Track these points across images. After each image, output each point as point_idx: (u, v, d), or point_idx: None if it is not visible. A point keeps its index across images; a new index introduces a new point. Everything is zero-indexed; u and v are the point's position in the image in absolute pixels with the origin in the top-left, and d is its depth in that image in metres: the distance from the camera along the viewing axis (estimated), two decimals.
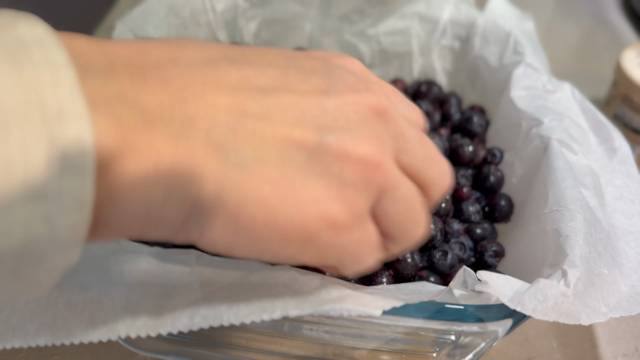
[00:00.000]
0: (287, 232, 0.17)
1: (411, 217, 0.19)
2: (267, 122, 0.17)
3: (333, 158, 0.17)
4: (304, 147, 0.17)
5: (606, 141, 0.31)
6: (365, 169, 0.17)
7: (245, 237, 0.17)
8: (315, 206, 0.17)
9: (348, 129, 0.18)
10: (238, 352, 0.27)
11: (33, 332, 0.18)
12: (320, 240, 0.17)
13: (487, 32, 0.40)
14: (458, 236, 0.30)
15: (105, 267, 0.20)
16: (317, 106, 0.18)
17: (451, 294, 0.22)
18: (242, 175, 0.16)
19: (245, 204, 0.16)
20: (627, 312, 0.22)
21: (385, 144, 0.18)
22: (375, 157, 0.18)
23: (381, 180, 0.18)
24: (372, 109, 0.19)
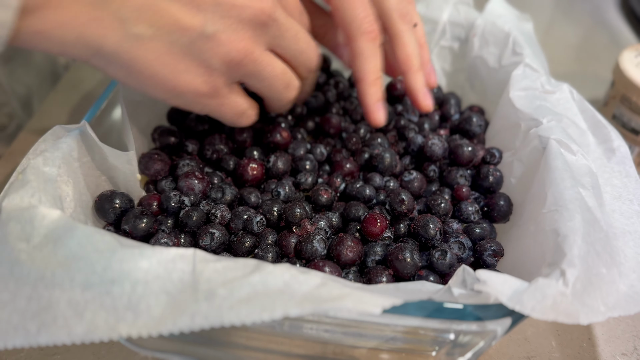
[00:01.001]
0: (163, 85, 0.26)
1: (275, 88, 0.30)
2: (167, 8, 0.24)
3: (207, 46, 0.25)
4: (189, 33, 0.25)
5: (605, 141, 0.31)
6: (230, 58, 0.26)
7: (135, 80, 0.25)
8: (185, 76, 0.26)
9: (227, 26, 0.25)
10: (238, 350, 0.27)
11: (35, 331, 0.18)
12: (186, 97, 0.27)
13: (486, 33, 0.40)
14: (457, 236, 0.30)
15: (107, 267, 0.20)
16: (210, 3, 0.25)
17: (450, 293, 0.22)
18: (136, 44, 0.24)
19: (135, 61, 0.24)
20: (626, 311, 0.22)
21: (258, 41, 0.27)
22: (240, 51, 0.26)
23: (244, 68, 0.27)
24: (257, 16, 0.26)
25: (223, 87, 0.28)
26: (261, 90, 0.30)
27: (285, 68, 0.30)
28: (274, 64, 0.29)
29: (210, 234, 0.29)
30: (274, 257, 0.29)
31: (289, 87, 0.30)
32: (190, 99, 0.27)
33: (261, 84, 0.29)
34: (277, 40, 0.28)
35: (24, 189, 0.23)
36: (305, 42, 0.30)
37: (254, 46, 0.27)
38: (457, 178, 0.34)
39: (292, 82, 0.30)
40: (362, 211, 0.31)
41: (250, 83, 0.29)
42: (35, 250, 0.20)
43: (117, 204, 0.29)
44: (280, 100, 0.31)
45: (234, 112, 0.30)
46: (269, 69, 0.28)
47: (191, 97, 0.27)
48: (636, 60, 0.45)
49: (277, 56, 0.29)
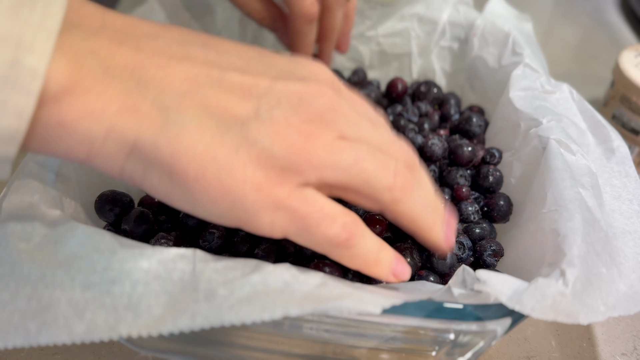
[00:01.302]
0: (216, 189, 0.19)
1: (370, 174, 0.21)
2: (214, 94, 0.20)
3: (265, 131, 0.20)
4: (242, 120, 0.20)
5: (604, 142, 0.31)
6: (294, 143, 0.20)
7: (179, 188, 0.19)
8: (242, 171, 0.19)
9: (286, 109, 0.20)
10: (238, 350, 0.27)
11: (35, 331, 0.18)
12: (246, 204, 0.19)
13: (486, 33, 0.40)
14: (457, 236, 0.30)
15: (107, 267, 0.20)
16: (265, 87, 0.21)
17: (450, 292, 0.22)
18: (179, 133, 0.19)
19: (179, 156, 0.19)
20: (626, 311, 0.22)
21: (327, 126, 0.21)
22: (304, 132, 0.20)
23: (314, 156, 0.20)
24: (320, 101, 0.21)
25: (296, 186, 0.20)
26: (356, 187, 0.22)
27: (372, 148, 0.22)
28: (353, 146, 0.21)
29: (211, 233, 0.29)
30: (274, 258, 0.29)
31: (388, 168, 0.22)
32: (252, 206, 0.19)
33: (349, 176, 0.21)
34: (352, 129, 0.22)
35: (24, 188, 0.23)
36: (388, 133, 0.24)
37: (320, 130, 0.21)
38: (457, 178, 0.34)
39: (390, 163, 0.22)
40: (362, 211, 0.31)
41: (338, 181, 0.21)
42: (35, 250, 0.20)
43: (117, 204, 0.29)
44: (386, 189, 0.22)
45: (315, 220, 0.20)
46: (347, 152, 0.21)
47: (253, 201, 0.19)
48: (636, 60, 0.45)
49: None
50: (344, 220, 0.21)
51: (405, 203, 0.23)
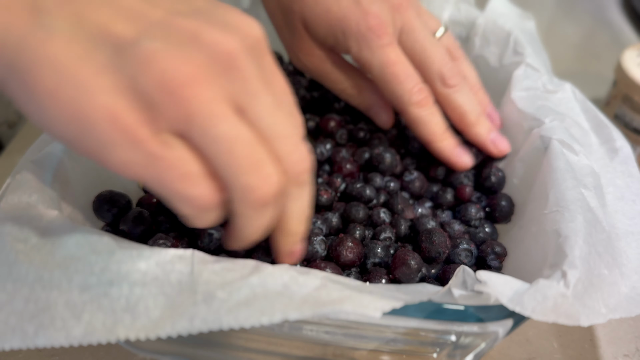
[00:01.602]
0: (68, 109, 0.17)
1: (237, 163, 0.18)
2: (97, 7, 0.18)
3: (138, 61, 0.17)
4: (117, 41, 0.17)
5: (607, 141, 0.31)
6: (167, 81, 0.17)
7: (34, 100, 0.17)
8: (102, 96, 0.17)
9: (171, 43, 0.17)
10: (238, 352, 0.27)
11: (32, 333, 0.18)
12: (99, 133, 0.17)
13: (487, 32, 0.40)
14: (464, 242, 0.30)
15: (105, 269, 0.20)
16: (157, 17, 0.18)
17: (450, 294, 0.22)
18: (46, 39, 0.17)
19: (39, 64, 0.17)
20: (627, 313, 0.22)
21: (214, 81, 0.18)
22: (182, 74, 0.17)
23: (186, 106, 0.17)
24: (219, 48, 0.18)
25: (159, 129, 0.18)
26: (216, 164, 0.18)
27: (255, 140, 0.19)
28: (236, 125, 0.18)
29: (209, 235, 0.29)
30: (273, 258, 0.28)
31: (259, 171, 0.19)
32: (105, 136, 0.17)
33: (214, 147, 0.18)
34: (248, 99, 0.19)
35: (22, 189, 0.23)
36: (290, 126, 0.20)
37: (204, 78, 0.18)
38: (460, 178, 0.34)
39: (265, 165, 0.19)
40: (363, 212, 0.31)
41: (199, 143, 0.18)
42: (33, 251, 0.20)
43: (115, 205, 0.29)
44: (245, 189, 0.19)
45: (176, 174, 0.18)
46: (226, 123, 0.18)
47: (108, 132, 0.17)
48: (638, 59, 0.45)
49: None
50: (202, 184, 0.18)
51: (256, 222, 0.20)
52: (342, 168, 0.35)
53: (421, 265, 0.27)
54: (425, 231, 0.29)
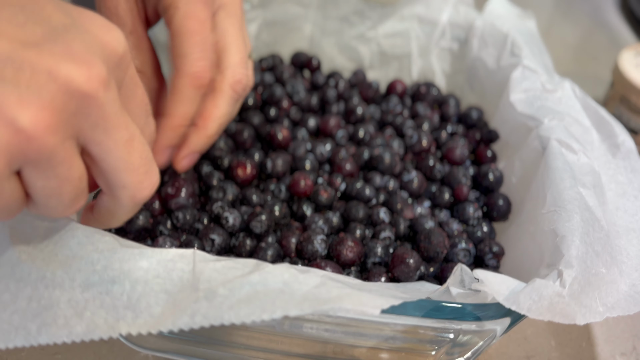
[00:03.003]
0: None
1: (61, 198, 0.18)
2: None
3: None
4: None
5: (609, 137, 0.31)
6: (11, 132, 0.16)
7: None
8: None
9: (22, 85, 0.16)
10: (238, 350, 0.27)
11: (35, 331, 0.19)
12: None
13: (485, 34, 0.40)
14: (462, 242, 0.30)
15: (107, 267, 0.20)
16: (7, 51, 0.16)
17: (448, 292, 0.22)
18: None
19: None
20: (625, 311, 0.22)
21: (63, 120, 0.17)
22: (28, 127, 0.16)
23: (28, 151, 0.16)
24: (75, 86, 0.17)
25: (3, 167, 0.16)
26: (38, 192, 0.18)
27: (84, 174, 0.19)
28: (73, 163, 0.18)
29: (211, 240, 0.29)
30: (274, 257, 0.29)
31: (75, 201, 0.19)
32: None
33: (44, 183, 0.18)
34: (99, 135, 0.18)
35: None
36: (141, 156, 0.20)
37: (52, 124, 0.16)
38: (458, 177, 0.34)
39: (82, 195, 0.19)
40: (362, 211, 0.31)
41: (35, 180, 0.18)
42: (35, 251, 0.20)
43: None
44: (55, 211, 0.19)
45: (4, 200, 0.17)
46: (65, 166, 0.18)
47: None
48: (635, 60, 0.45)
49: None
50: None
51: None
52: (342, 168, 0.35)
53: (420, 264, 0.28)
54: (424, 231, 0.29)
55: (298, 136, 0.38)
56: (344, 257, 0.28)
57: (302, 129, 0.38)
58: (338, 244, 0.28)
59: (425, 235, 0.29)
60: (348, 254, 0.28)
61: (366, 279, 0.28)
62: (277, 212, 0.31)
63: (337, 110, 0.41)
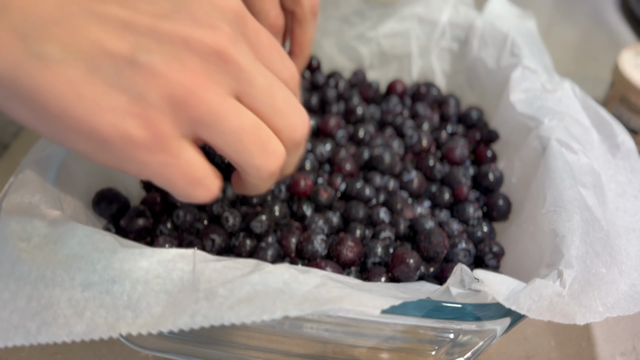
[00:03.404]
0: (81, 129, 0.18)
1: (246, 149, 0.20)
2: (85, 25, 0.18)
3: (140, 76, 0.18)
4: (116, 59, 0.18)
5: (609, 137, 0.31)
6: (172, 94, 0.18)
7: (44, 122, 0.18)
8: (112, 116, 0.18)
9: (168, 54, 0.18)
10: (239, 350, 0.27)
11: (35, 330, 0.19)
12: (114, 148, 0.18)
13: (485, 34, 0.41)
14: (462, 242, 0.30)
15: (107, 267, 0.20)
16: (146, 26, 0.18)
17: (449, 292, 0.22)
18: (41, 67, 0.17)
19: (41, 91, 0.17)
20: (625, 311, 0.22)
21: (214, 79, 0.19)
22: (184, 84, 0.18)
23: (194, 111, 0.19)
24: (209, 48, 0.19)
25: (169, 137, 0.19)
26: (228, 153, 0.21)
27: (259, 122, 0.21)
28: (240, 113, 0.20)
29: (211, 240, 0.29)
30: (274, 258, 0.29)
31: (266, 151, 0.21)
32: (121, 151, 0.18)
33: (224, 140, 0.20)
34: (244, 86, 0.20)
35: (24, 188, 0.23)
36: (284, 99, 0.22)
37: (205, 82, 0.19)
38: (458, 177, 0.34)
39: (270, 143, 0.21)
40: (362, 211, 0.31)
41: (211, 139, 0.20)
42: (35, 250, 0.20)
43: (114, 201, 0.29)
44: (255, 169, 0.21)
45: (185, 178, 0.20)
46: (231, 117, 0.20)
47: (122, 147, 0.18)
48: (635, 60, 0.45)
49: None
50: (208, 184, 0.20)
51: (264, 186, 0.23)
52: (342, 168, 0.35)
53: (420, 263, 0.28)
54: (424, 231, 0.29)
55: None
56: (344, 257, 0.28)
57: None
58: (338, 244, 0.28)
59: (425, 235, 0.29)
60: (348, 254, 0.28)
61: (366, 279, 0.28)
62: (277, 212, 0.31)
63: (337, 110, 0.41)
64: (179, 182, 0.20)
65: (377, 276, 0.28)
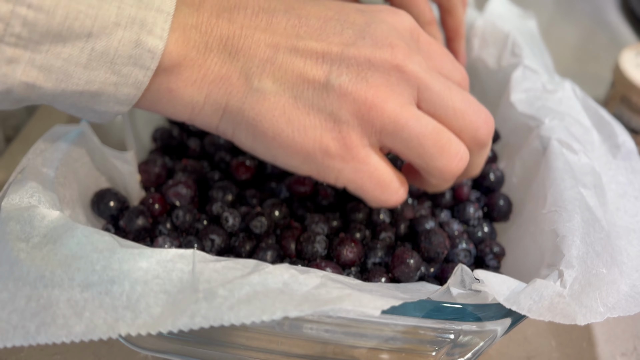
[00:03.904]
0: (290, 147, 0.22)
1: (428, 153, 0.23)
2: (291, 61, 0.22)
3: (334, 97, 0.22)
4: (314, 85, 0.22)
5: (610, 137, 0.31)
6: (358, 108, 0.22)
7: (261, 144, 0.23)
8: (312, 132, 0.22)
9: (355, 75, 0.22)
10: (238, 350, 0.27)
11: (34, 330, 0.18)
12: (316, 160, 0.23)
13: (485, 34, 0.40)
14: (463, 242, 0.30)
15: (106, 267, 0.20)
16: (337, 54, 0.22)
17: (449, 293, 0.22)
18: (259, 99, 0.22)
19: (259, 119, 0.22)
20: (626, 312, 0.22)
21: (394, 90, 0.22)
22: (368, 99, 0.22)
23: (377, 121, 0.22)
24: (389, 63, 0.22)
25: (358, 146, 0.22)
26: (411, 158, 0.23)
27: (438, 126, 0.23)
28: (419, 119, 0.23)
29: (211, 240, 0.29)
30: (274, 258, 0.29)
31: (447, 153, 0.23)
32: (321, 162, 0.23)
33: (406, 145, 0.23)
34: (423, 93, 0.23)
35: (23, 189, 0.23)
36: (462, 100, 0.24)
37: (387, 95, 0.22)
38: None
39: (451, 145, 0.23)
40: (363, 211, 0.31)
41: (394, 145, 0.23)
42: (34, 250, 0.20)
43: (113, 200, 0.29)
44: (437, 170, 0.24)
45: (373, 182, 0.23)
46: (411, 123, 0.22)
47: (321, 158, 0.22)
48: (636, 60, 0.45)
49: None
50: (395, 187, 0.24)
51: (446, 186, 0.26)
52: None
53: (420, 264, 0.28)
54: (425, 231, 0.29)
55: None
56: (344, 257, 0.28)
57: None
58: (338, 244, 0.28)
59: (425, 236, 0.29)
60: (348, 255, 0.28)
61: (366, 279, 0.28)
62: (277, 213, 0.31)
63: None
64: (369, 185, 0.23)
65: (377, 276, 0.28)
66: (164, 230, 0.30)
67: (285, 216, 0.31)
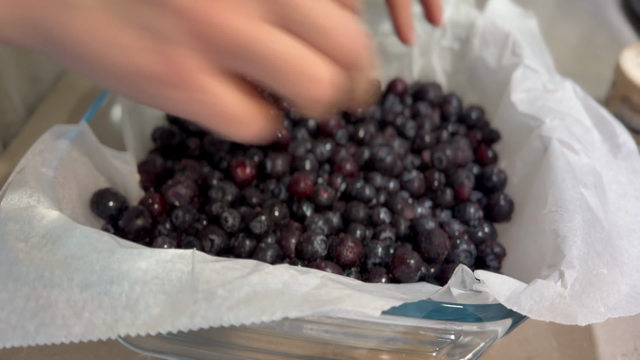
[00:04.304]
0: (109, 68, 0.19)
1: (284, 77, 0.19)
2: None
3: (169, 13, 0.18)
4: (142, 3, 0.18)
5: (610, 137, 0.31)
6: (198, 27, 0.18)
7: (83, 66, 0.20)
8: (131, 52, 0.18)
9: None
10: (238, 351, 0.27)
11: (33, 331, 0.18)
12: (145, 88, 0.19)
13: (486, 33, 0.40)
14: (463, 243, 0.30)
15: (105, 267, 0.20)
16: None
17: (449, 293, 0.22)
18: (74, 16, 0.18)
19: (76, 39, 0.19)
20: (627, 312, 0.22)
21: (245, 6, 0.18)
22: (209, 15, 0.18)
23: (220, 41, 0.18)
24: None
25: (194, 72, 0.19)
26: (270, 84, 0.20)
27: (297, 46, 0.19)
28: (271, 37, 0.19)
29: (210, 240, 0.29)
30: (274, 258, 0.28)
31: (309, 78, 0.19)
32: (146, 87, 0.19)
33: (260, 70, 0.19)
34: (283, 9, 0.19)
35: (23, 189, 0.23)
36: (331, 17, 0.20)
37: (234, 11, 0.18)
38: (461, 178, 0.34)
39: (314, 69, 0.19)
40: (363, 211, 0.31)
41: (248, 71, 0.19)
42: (33, 250, 0.20)
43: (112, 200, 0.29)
44: (300, 97, 0.20)
45: (217, 114, 0.20)
46: (260, 42, 0.18)
47: (146, 83, 0.19)
48: (637, 60, 0.45)
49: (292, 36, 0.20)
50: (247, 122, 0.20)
51: (319, 114, 0.21)
52: (342, 168, 0.35)
53: (420, 264, 0.28)
54: (425, 232, 0.29)
55: (298, 136, 0.37)
56: (344, 257, 0.28)
57: (302, 129, 0.38)
58: (338, 244, 0.28)
59: (426, 236, 0.29)
60: (348, 255, 0.28)
61: (366, 279, 0.28)
62: (277, 212, 0.31)
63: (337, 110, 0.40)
64: (212, 118, 0.20)
65: (377, 277, 0.28)
66: (164, 231, 0.29)
67: (285, 216, 0.31)
